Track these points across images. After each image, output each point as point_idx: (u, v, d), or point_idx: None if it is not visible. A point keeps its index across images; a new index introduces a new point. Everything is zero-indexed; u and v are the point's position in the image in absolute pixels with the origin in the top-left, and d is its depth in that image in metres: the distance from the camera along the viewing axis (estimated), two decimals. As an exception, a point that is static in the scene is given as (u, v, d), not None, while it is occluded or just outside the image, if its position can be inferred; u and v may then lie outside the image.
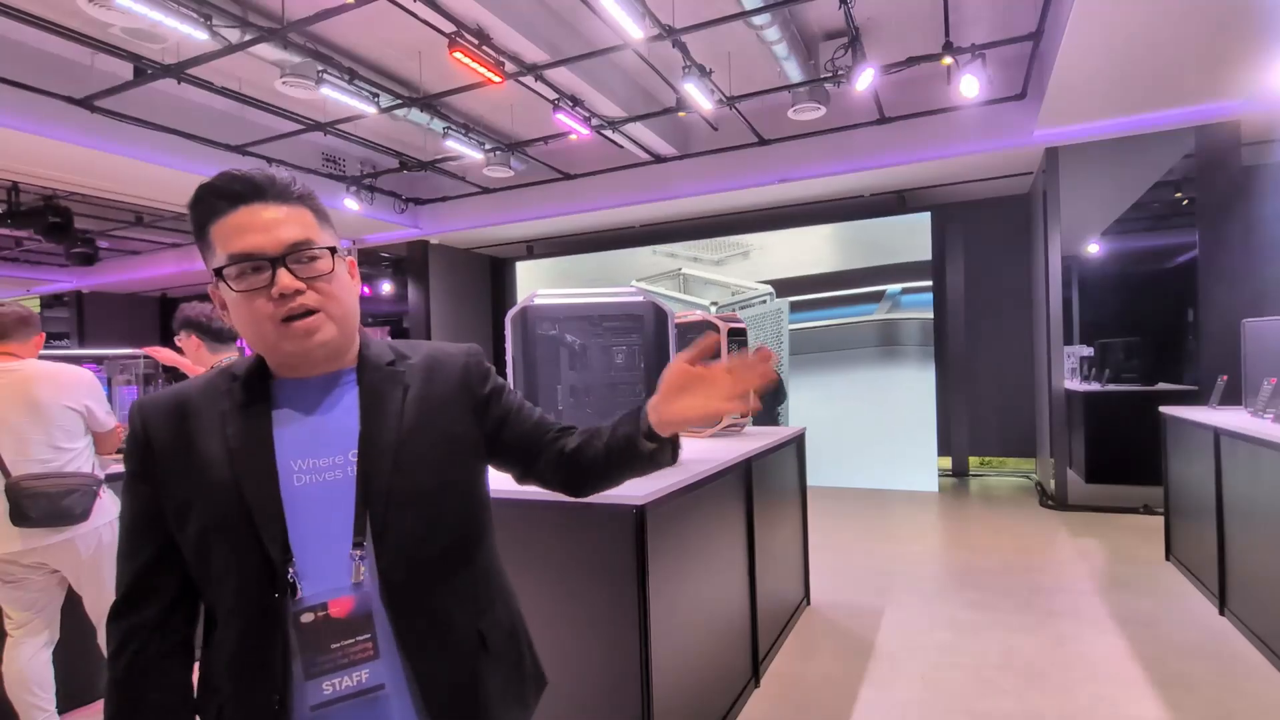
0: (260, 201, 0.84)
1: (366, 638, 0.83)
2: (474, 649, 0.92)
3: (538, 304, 2.54)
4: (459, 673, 0.90)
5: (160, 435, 0.86)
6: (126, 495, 0.88)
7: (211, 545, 0.82)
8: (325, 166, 7.25)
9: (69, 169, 5.96)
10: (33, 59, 4.94)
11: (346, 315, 0.89)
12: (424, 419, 0.92)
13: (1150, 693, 2.70)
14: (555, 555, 2.11)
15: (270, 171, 0.87)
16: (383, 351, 0.95)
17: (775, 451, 3.36)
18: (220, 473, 0.83)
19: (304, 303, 0.84)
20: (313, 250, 0.85)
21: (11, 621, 2.40)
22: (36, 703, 2.39)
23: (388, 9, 4.41)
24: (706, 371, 0.91)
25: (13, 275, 11.31)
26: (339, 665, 0.82)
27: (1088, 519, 5.48)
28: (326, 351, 0.88)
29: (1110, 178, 5.55)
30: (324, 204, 0.92)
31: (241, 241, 0.83)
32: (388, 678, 0.84)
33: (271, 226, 0.83)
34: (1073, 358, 5.99)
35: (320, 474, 0.86)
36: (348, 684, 0.82)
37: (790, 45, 4.95)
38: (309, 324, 0.84)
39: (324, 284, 0.85)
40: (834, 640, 3.34)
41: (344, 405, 0.90)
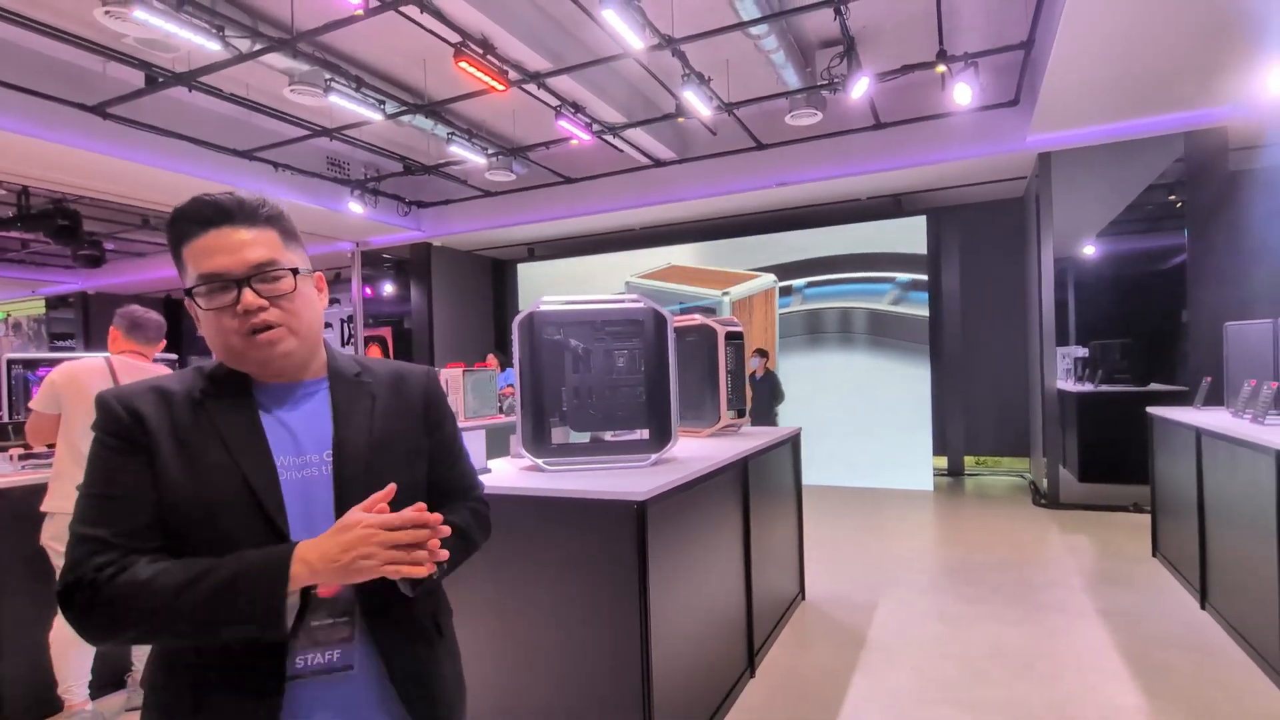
0: (229, 225, 0.91)
1: (346, 620, 0.91)
2: (431, 636, 1.01)
3: (543, 310, 2.64)
4: (419, 656, 0.98)
5: (150, 415, 0.89)
6: (113, 464, 0.89)
7: (217, 516, 0.87)
8: (330, 170, 7.36)
9: (79, 173, 6.07)
10: (46, 67, 5.05)
11: (307, 329, 0.96)
12: (391, 428, 1.01)
13: (1132, 683, 2.80)
14: (559, 547, 2.21)
15: (240, 195, 0.93)
16: (349, 364, 1.04)
17: (771, 450, 3.47)
18: (219, 456, 0.89)
19: (266, 319, 0.91)
20: (276, 271, 0.92)
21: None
22: (76, 668, 2.56)
23: (395, 19, 4.51)
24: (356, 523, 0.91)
25: (19, 277, 11.44)
26: (316, 643, 0.89)
27: (1079, 517, 5.60)
28: (289, 362, 0.95)
29: (1102, 182, 5.67)
30: (331, 206, 1.00)
31: (210, 263, 0.90)
32: (356, 660, 0.91)
33: (238, 248, 0.90)
34: (1068, 359, 6.10)
35: (300, 470, 0.93)
36: (318, 660, 0.89)
37: (787, 53, 5.06)
38: (271, 336, 0.91)
39: (286, 301, 0.93)
40: (828, 633, 3.45)
41: (317, 410, 0.98)
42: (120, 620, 0.81)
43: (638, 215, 7.97)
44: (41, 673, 2.64)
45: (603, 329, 2.76)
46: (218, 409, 0.92)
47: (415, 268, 9.25)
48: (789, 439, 3.82)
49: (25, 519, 2.61)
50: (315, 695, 0.89)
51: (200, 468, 0.89)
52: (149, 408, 0.90)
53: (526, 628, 2.25)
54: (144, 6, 3.77)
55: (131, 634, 0.83)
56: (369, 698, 0.93)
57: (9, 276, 11.43)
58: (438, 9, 4.26)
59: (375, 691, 0.94)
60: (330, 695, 0.90)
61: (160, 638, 0.86)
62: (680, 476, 2.35)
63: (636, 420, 2.71)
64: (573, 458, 2.60)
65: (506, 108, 6.24)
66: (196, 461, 0.89)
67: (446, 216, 8.57)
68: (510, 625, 2.27)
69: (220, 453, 0.90)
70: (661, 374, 2.64)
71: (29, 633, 2.68)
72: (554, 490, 2.22)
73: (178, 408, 0.91)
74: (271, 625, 0.81)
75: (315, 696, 0.89)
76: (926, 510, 6.20)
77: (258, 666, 0.86)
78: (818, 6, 4.43)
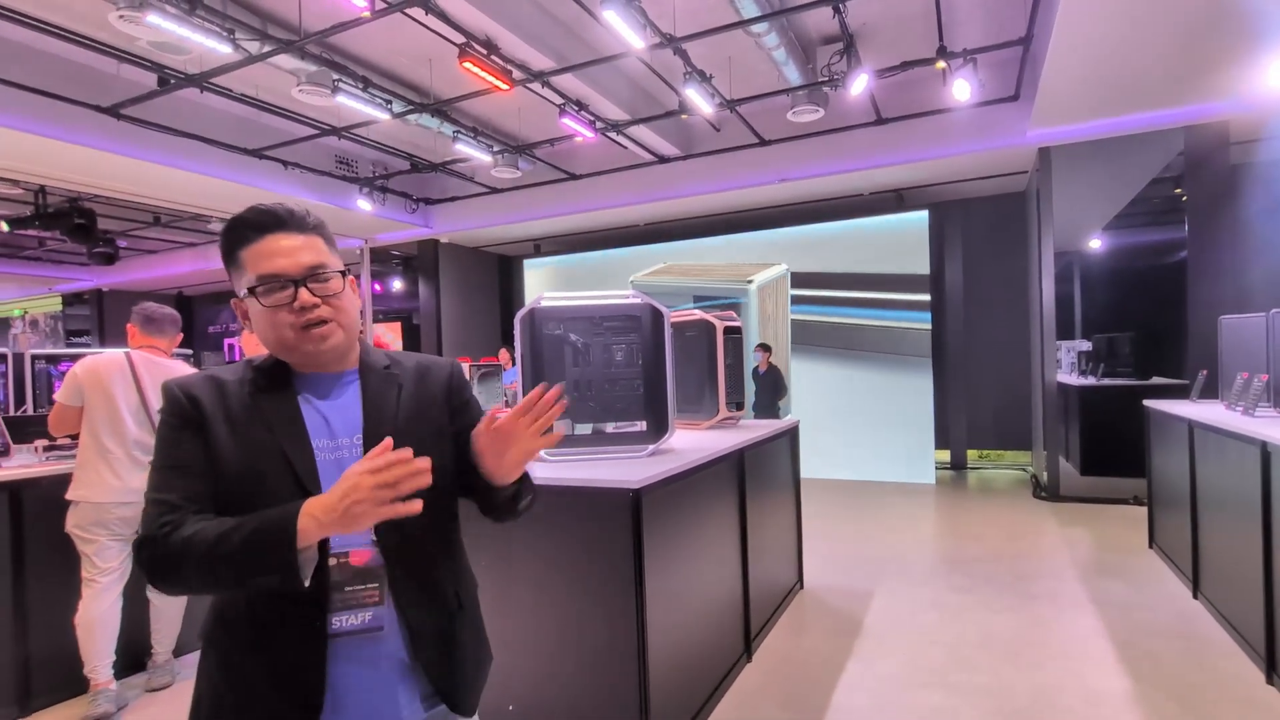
0: (283, 231, 1.03)
1: (375, 585, 1.00)
2: (452, 606, 1.11)
3: (544, 306, 2.72)
4: (440, 623, 1.07)
5: (207, 401, 1.01)
6: (178, 441, 0.99)
7: (261, 488, 0.97)
8: (339, 169, 7.47)
9: (94, 173, 6.21)
10: (61, 69, 5.18)
11: (351, 325, 1.08)
12: (416, 413, 1.12)
13: (1118, 669, 2.87)
14: (558, 534, 2.29)
15: (289, 206, 1.05)
16: (379, 357, 1.15)
17: (769, 443, 3.54)
18: (262, 435, 1.00)
19: (319, 315, 1.02)
20: (327, 273, 1.04)
21: (97, 570, 2.69)
22: (100, 649, 2.68)
23: (401, 21, 4.60)
24: (506, 427, 1.05)
25: (36, 274, 11.66)
26: (348, 605, 0.98)
27: (1078, 510, 5.64)
28: (336, 354, 1.06)
29: (1103, 177, 5.69)
30: (340, 204, 1.09)
31: (269, 265, 1.01)
32: (386, 622, 1.01)
33: (292, 252, 1.02)
34: (1071, 353, 6.13)
35: (334, 452, 1.03)
36: (352, 622, 0.98)
37: (788, 50, 5.10)
38: (323, 331, 1.03)
39: (335, 300, 1.04)
40: (824, 620, 3.54)
41: (350, 398, 1.08)
42: (176, 571, 0.92)
43: (642, 211, 8.04)
44: (68, 654, 2.76)
45: (601, 324, 2.84)
46: (263, 397, 1.03)
47: (423, 264, 9.36)
48: (787, 431, 3.90)
49: (51, 508, 2.73)
50: (350, 653, 0.98)
51: (247, 446, 0.99)
52: (204, 393, 1.02)
53: (528, 611, 2.34)
54: (157, 11, 3.88)
55: (186, 585, 0.93)
56: (398, 656, 1.03)
57: (27, 274, 11.66)
58: (442, 10, 4.34)
59: (404, 651, 1.03)
60: (363, 653, 0.99)
61: (209, 587, 0.95)
62: (675, 466, 2.42)
63: (634, 412, 2.79)
64: (573, 448, 2.67)
65: (511, 106, 6.32)
66: (244, 441, 1.00)
67: (453, 213, 8.67)
68: (513, 609, 2.35)
69: (265, 434, 1.00)
70: (658, 367, 2.72)
71: (55, 616, 2.80)
72: (553, 479, 2.29)
73: (229, 394, 1.03)
74: (288, 576, 0.88)
75: (350, 654, 0.99)
76: (927, 503, 6.26)
77: (303, 627, 0.96)
78: (817, 4, 4.47)
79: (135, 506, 2.64)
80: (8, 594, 2.76)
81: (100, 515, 2.70)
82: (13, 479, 2.78)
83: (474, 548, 1.21)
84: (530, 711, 2.32)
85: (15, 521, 2.78)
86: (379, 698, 1.01)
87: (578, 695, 2.25)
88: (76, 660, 2.72)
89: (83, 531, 2.70)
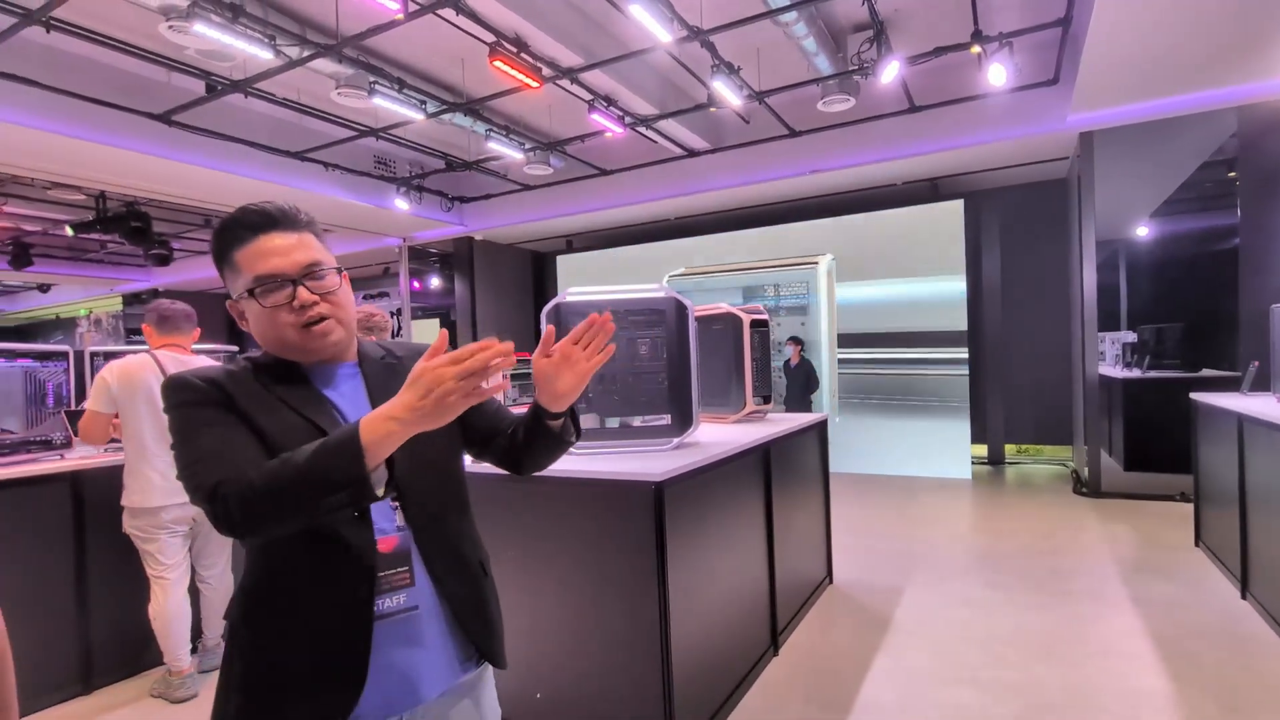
0: (275, 230, 1.03)
1: (405, 570, 1.04)
2: (479, 575, 1.17)
3: (569, 300, 2.76)
4: (473, 592, 1.14)
5: (223, 383, 1.00)
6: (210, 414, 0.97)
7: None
8: (377, 169, 7.66)
9: (149, 178, 6.49)
10: (118, 80, 5.43)
11: (349, 320, 1.10)
12: None
13: (1158, 668, 2.79)
14: (581, 526, 2.34)
15: (279, 204, 1.05)
16: (374, 349, 1.17)
17: (796, 436, 3.53)
18: (290, 416, 1.01)
19: (319, 312, 1.04)
20: (323, 269, 1.05)
21: (163, 568, 2.80)
22: (176, 638, 2.82)
23: (433, 22, 4.69)
24: (561, 351, 1.08)
25: (99, 275, 12.29)
26: (382, 590, 1.02)
27: (1121, 506, 5.46)
28: (336, 349, 1.08)
29: (1149, 161, 5.47)
30: (379, 204, 1.12)
31: (266, 265, 1.01)
32: (420, 600, 1.05)
33: (288, 251, 1.02)
34: (1116, 344, 5.93)
35: None
36: (390, 604, 1.02)
37: (818, 39, 5.04)
38: (324, 328, 1.04)
39: (333, 297, 1.06)
40: (853, 615, 3.51)
41: (354, 388, 1.10)
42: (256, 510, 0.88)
43: (672, 205, 8.04)
44: (127, 636, 2.94)
45: (626, 318, 2.87)
46: (279, 387, 1.04)
47: (459, 261, 9.53)
48: (814, 425, 3.87)
49: (110, 497, 2.86)
50: (391, 632, 1.03)
51: (277, 427, 0.99)
52: (223, 379, 1.02)
53: (554, 602, 2.38)
54: (203, 20, 4.04)
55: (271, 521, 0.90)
56: (437, 628, 1.08)
57: (91, 275, 12.29)
58: (472, 10, 4.42)
59: (437, 626, 1.08)
60: (403, 631, 1.04)
61: (286, 520, 0.91)
62: (699, 460, 2.44)
63: (659, 406, 2.81)
64: (599, 441, 2.70)
65: (542, 103, 6.39)
66: (271, 422, 0.99)
67: (487, 211, 8.81)
68: (538, 599, 2.40)
69: (293, 415, 1.01)
70: (683, 361, 2.73)
71: (115, 600, 2.98)
72: (578, 472, 2.32)
73: (241, 383, 1.03)
74: (362, 490, 0.87)
75: (390, 634, 1.02)
76: (962, 499, 6.14)
77: (349, 610, 0.99)
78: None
79: (187, 506, 2.76)
80: (70, 579, 2.93)
81: (154, 518, 2.77)
82: (74, 469, 2.95)
83: (501, 540, 1.26)
84: (556, 699, 2.37)
85: (77, 510, 2.96)
86: (418, 672, 1.05)
87: (602, 684, 2.29)
88: (135, 642, 2.89)
89: (140, 533, 2.79)
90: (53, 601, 2.88)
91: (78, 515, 2.96)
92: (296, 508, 0.89)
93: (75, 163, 5.94)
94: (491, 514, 1.15)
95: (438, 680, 1.08)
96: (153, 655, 2.93)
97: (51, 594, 2.88)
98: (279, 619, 1.01)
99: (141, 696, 2.92)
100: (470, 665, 1.14)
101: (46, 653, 2.84)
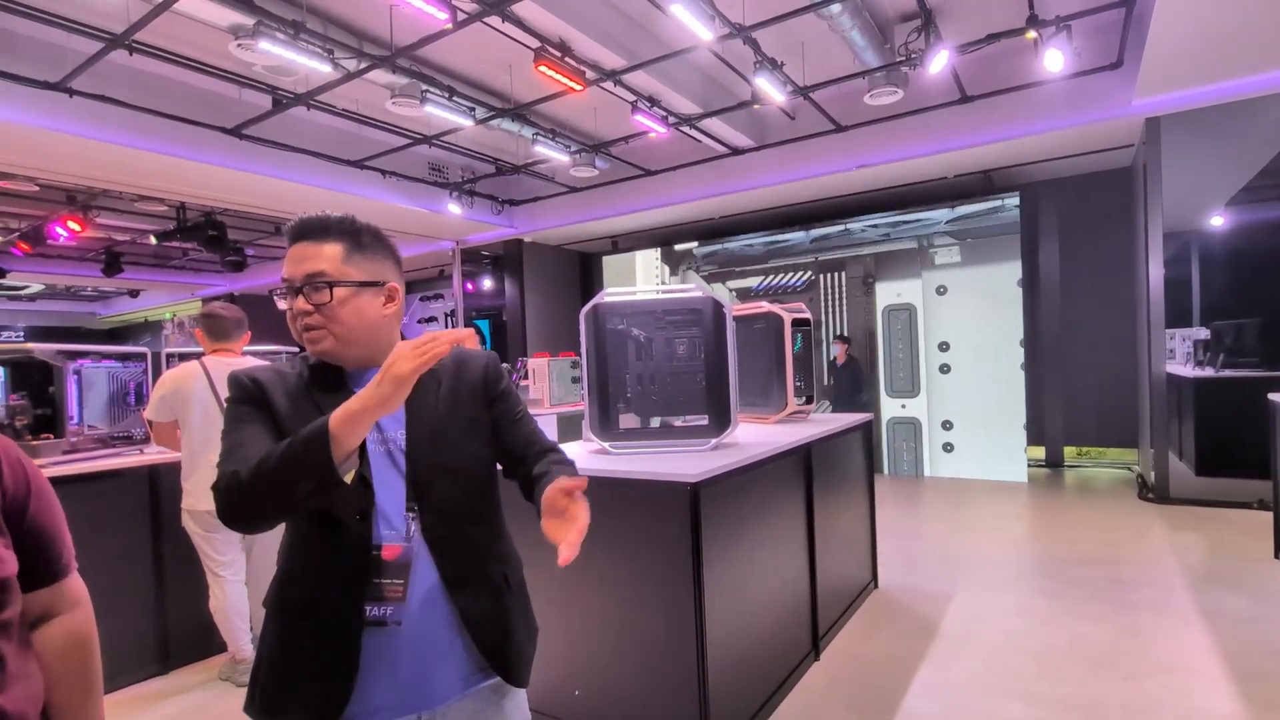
0: (304, 240, 1.11)
1: (400, 582, 1.06)
2: (500, 588, 1.17)
3: (607, 301, 2.79)
4: (491, 606, 1.14)
5: (269, 385, 1.11)
6: (247, 413, 1.09)
7: None
8: (431, 175, 7.91)
9: (223, 189, 6.88)
10: (193, 97, 5.78)
11: (345, 333, 1.10)
12: (454, 406, 1.18)
13: (1228, 688, 2.63)
14: (618, 526, 2.35)
15: (320, 215, 1.11)
16: None
17: (839, 437, 3.47)
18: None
19: (308, 322, 1.09)
20: (319, 282, 1.08)
21: (218, 564, 2.94)
22: (237, 628, 2.98)
23: (480, 30, 4.81)
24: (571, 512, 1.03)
25: (182, 281, 13.13)
26: (372, 597, 1.05)
27: (1191, 513, 5.15)
28: (330, 357, 1.12)
29: (1222, 147, 5.12)
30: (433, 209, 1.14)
31: (284, 270, 1.12)
32: (406, 618, 1.06)
33: (301, 261, 1.09)
34: (1187, 341, 5.59)
35: (382, 444, 1.11)
36: (376, 613, 1.05)
37: (864, 31, 4.93)
38: (312, 336, 1.10)
39: (325, 309, 1.09)
40: (898, 622, 3.43)
41: None
42: (243, 497, 0.97)
43: (717, 204, 8.00)
44: (198, 622, 3.14)
45: (664, 318, 2.89)
46: (318, 392, 1.12)
47: (509, 263, 9.73)
48: (860, 426, 3.80)
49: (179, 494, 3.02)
50: (377, 637, 1.06)
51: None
52: (267, 379, 1.12)
53: (591, 600, 2.41)
54: (268, 38, 4.27)
55: (252, 511, 0.99)
56: (427, 647, 1.08)
57: (174, 281, 13.13)
58: (518, 17, 4.52)
59: (437, 641, 1.08)
60: (385, 644, 1.06)
61: (266, 509, 0.99)
62: (736, 461, 2.43)
63: (697, 406, 2.81)
64: (638, 441, 2.72)
65: (587, 106, 6.46)
66: (299, 425, 1.03)
67: (536, 213, 8.97)
68: (575, 598, 2.43)
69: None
70: (720, 360, 2.72)
71: (189, 587, 3.18)
72: (616, 472, 2.34)
73: (290, 385, 1.13)
74: (329, 476, 0.93)
75: (377, 638, 1.06)
76: (1018, 503, 5.90)
77: (343, 607, 1.05)
78: (893, -18, 4.30)
79: None
80: (149, 566, 3.16)
81: (211, 519, 2.88)
82: (152, 464, 3.17)
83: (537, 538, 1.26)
84: (594, 697, 2.40)
85: (154, 502, 3.18)
86: (409, 679, 1.07)
87: (639, 684, 2.31)
88: (207, 627, 3.07)
89: (199, 529, 2.93)
90: (133, 587, 3.11)
91: (154, 507, 3.19)
92: (273, 495, 0.96)
93: (158, 176, 6.35)
94: (528, 510, 1.18)
95: (447, 688, 1.10)
96: (221, 640, 3.12)
97: (132, 580, 3.11)
98: (290, 611, 1.09)
99: (212, 678, 3.12)
100: (483, 676, 1.15)
101: (127, 635, 3.06)
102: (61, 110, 5.04)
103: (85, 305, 16.84)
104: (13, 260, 10.56)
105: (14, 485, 0.85)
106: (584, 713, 2.42)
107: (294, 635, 1.08)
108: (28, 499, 0.87)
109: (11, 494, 0.85)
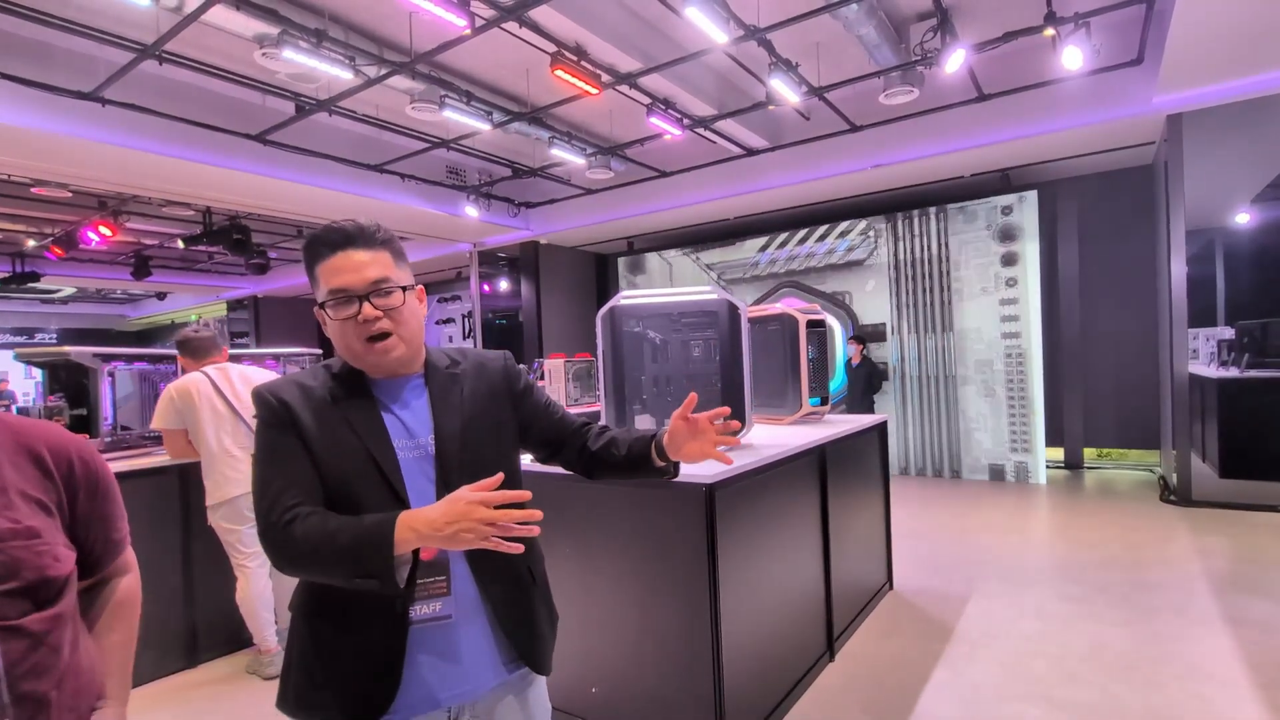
0: (351, 248, 1.10)
1: (443, 579, 1.10)
2: (527, 582, 1.21)
3: (623, 304, 2.81)
4: (519, 599, 1.19)
5: (294, 402, 1.10)
6: (277, 440, 1.10)
7: (351, 483, 1.08)
8: (449, 178, 8.01)
9: (247, 193, 7.03)
10: (219, 104, 5.91)
11: (412, 336, 1.14)
12: (479, 409, 1.21)
13: (1252, 695, 2.59)
14: (635, 527, 2.39)
15: (360, 223, 1.12)
16: (441, 358, 1.23)
17: (854, 438, 3.47)
18: (351, 440, 1.09)
19: (381, 328, 1.10)
20: (388, 286, 1.11)
21: (244, 556, 3.03)
22: (262, 620, 3.07)
23: (498, 35, 4.88)
24: (700, 424, 1.23)
25: (207, 284, 13.41)
26: (419, 596, 1.08)
27: (1215, 516, 5.06)
28: (398, 363, 1.14)
29: (1245, 143, 5.01)
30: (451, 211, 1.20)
31: (337, 280, 1.09)
32: (460, 607, 1.11)
33: (359, 268, 1.09)
34: (1211, 341, 5.49)
35: (413, 451, 1.12)
36: (426, 611, 1.09)
37: (879, 31, 4.91)
38: (386, 345, 1.11)
39: (396, 314, 1.11)
40: (914, 623, 3.42)
41: (420, 401, 1.17)
42: (294, 563, 1.04)
43: (732, 204, 8.00)
44: (225, 617, 3.23)
45: (679, 320, 2.91)
46: (345, 403, 1.12)
47: (525, 264, 9.80)
48: (873, 427, 3.79)
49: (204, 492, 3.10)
50: (425, 637, 1.09)
51: (335, 447, 1.09)
52: (292, 397, 1.12)
53: (608, 600, 2.44)
54: (291, 46, 4.37)
55: (304, 573, 1.07)
56: (478, 632, 1.13)
57: (199, 284, 13.41)
58: (535, 22, 4.57)
59: (480, 628, 1.13)
60: (437, 636, 1.10)
61: (322, 579, 1.07)
62: (751, 462, 2.44)
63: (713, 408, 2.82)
64: (653, 443, 2.76)
65: (602, 108, 6.50)
66: (332, 442, 1.09)
67: (552, 215, 9.03)
68: (593, 596, 2.47)
69: (351, 437, 1.09)
70: (735, 362, 2.73)
71: (216, 583, 3.27)
72: (627, 474, 2.40)
73: (314, 398, 1.12)
74: (387, 583, 0.99)
75: (425, 638, 1.09)
76: (1036, 504, 5.84)
77: (387, 614, 1.07)
78: (909, -18, 4.28)
79: None
80: (179, 563, 3.25)
81: (235, 509, 2.99)
82: (182, 463, 3.25)
83: (556, 537, 1.31)
84: (610, 694, 2.43)
85: (184, 500, 3.27)
86: (455, 672, 1.11)
87: (655, 682, 2.33)
88: (234, 621, 3.16)
89: (224, 522, 3.02)
90: (165, 583, 3.20)
91: (185, 505, 3.28)
92: (326, 575, 1.05)
93: (185, 181, 6.50)
94: (546, 512, 1.22)
95: (481, 680, 1.14)
96: (249, 634, 3.21)
97: (163, 576, 3.20)
98: (327, 618, 1.11)
99: (239, 671, 3.20)
100: (514, 667, 1.19)
101: (158, 629, 3.15)
102: (94, 119, 5.20)
103: (115, 308, 17.23)
104: (47, 264, 10.86)
105: (86, 481, 0.97)
106: (601, 710, 2.45)
107: (331, 637, 1.10)
108: (95, 492, 0.99)
109: (86, 490, 0.97)
